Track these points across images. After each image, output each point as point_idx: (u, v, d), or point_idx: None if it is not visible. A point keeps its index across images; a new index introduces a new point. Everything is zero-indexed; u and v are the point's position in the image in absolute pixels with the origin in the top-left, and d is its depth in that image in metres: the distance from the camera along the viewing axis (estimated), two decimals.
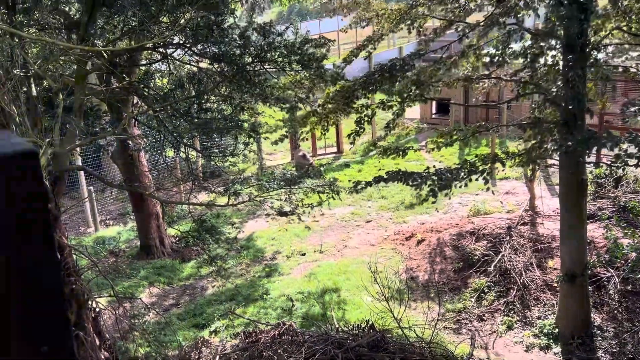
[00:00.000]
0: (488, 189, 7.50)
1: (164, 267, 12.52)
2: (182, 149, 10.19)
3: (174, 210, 14.77)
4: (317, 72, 8.56)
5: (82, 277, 7.87)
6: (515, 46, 8.17)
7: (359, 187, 7.56)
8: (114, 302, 9.54)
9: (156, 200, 12.49)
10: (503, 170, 8.08)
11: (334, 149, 20.65)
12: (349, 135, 8.40)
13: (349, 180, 15.79)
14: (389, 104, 8.22)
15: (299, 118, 8.96)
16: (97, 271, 8.05)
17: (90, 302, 7.58)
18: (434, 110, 23.02)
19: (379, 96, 10.08)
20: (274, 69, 8.87)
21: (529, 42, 8.04)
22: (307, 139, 9.73)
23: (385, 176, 7.45)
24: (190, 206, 12.09)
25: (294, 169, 16.07)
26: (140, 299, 9.59)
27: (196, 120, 9.00)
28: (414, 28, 8.96)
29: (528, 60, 7.94)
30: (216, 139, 13.48)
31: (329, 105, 8.57)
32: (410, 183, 7.23)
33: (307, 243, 13.42)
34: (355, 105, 8.39)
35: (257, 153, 17.86)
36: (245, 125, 9.61)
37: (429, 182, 7.15)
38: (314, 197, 12.22)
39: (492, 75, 9.18)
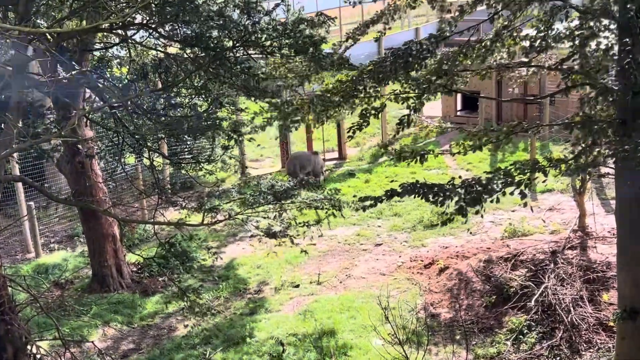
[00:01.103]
0: (525, 205, 7.49)
1: (122, 302, 12.47)
2: (146, 155, 10.18)
3: (135, 231, 14.73)
4: (314, 58, 8.59)
5: (20, 315, 7.83)
6: (560, 27, 8.22)
7: (366, 204, 7.54)
8: (59, 346, 9.48)
9: (113, 218, 12.45)
10: (544, 182, 8.08)
11: (335, 155, 20.68)
12: (349, 130, 8.41)
13: (354, 195, 15.84)
14: (403, 95, 8.23)
15: (292, 108, 8.94)
16: (39, 308, 8.01)
17: (29, 347, 7.53)
18: (459, 106, 23.10)
19: (391, 88, 10.11)
20: (260, 55, 8.90)
21: (576, 22, 8.08)
22: (296, 129, 9.72)
23: (399, 190, 7.44)
24: (156, 226, 12.06)
25: (289, 176, 16.06)
26: (92, 342, 9.54)
27: (163, 118, 9.01)
28: (436, 3, 9.01)
29: (576, 44, 7.98)
30: (188, 142, 13.52)
31: (328, 96, 8.57)
32: (431, 199, 7.21)
33: (301, 272, 13.39)
34: (361, 95, 8.39)
35: (239, 159, 17.90)
36: (225, 124, 9.64)
37: (455, 198, 7.13)
38: (310, 215, 12.21)
39: (532, 63, 9.20)
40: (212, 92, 9.19)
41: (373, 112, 8.36)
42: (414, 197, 7.54)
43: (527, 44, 8.22)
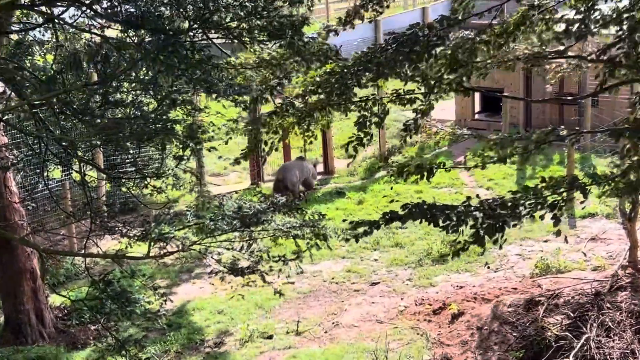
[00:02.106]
0: (559, 234, 7.53)
1: (43, 357, 12.33)
2: (76, 167, 10.13)
3: (60, 266, 14.61)
4: (293, 44, 8.62)
5: None
6: (604, 7, 8.31)
7: (359, 231, 7.54)
8: None
9: (32, 249, 12.33)
10: (582, 204, 8.11)
11: (320, 168, 20.67)
12: (346, 145, 8.42)
13: (344, 220, 15.77)
14: (408, 95, 8.26)
15: (264, 117, 8.97)
16: None
17: None
18: (477, 107, 23.25)
19: (392, 85, 10.18)
20: (224, 40, 8.92)
21: (625, 1, 8.19)
22: (276, 149, 9.75)
23: (401, 213, 7.45)
24: (88, 259, 11.96)
25: (283, 193, 16.03)
26: None
27: (99, 120, 8.97)
28: None
29: (624, 29, 8.07)
30: (131, 151, 13.41)
31: (314, 98, 8.59)
32: (441, 223, 7.23)
33: (275, 319, 13.33)
34: (356, 99, 8.42)
35: (196, 173, 17.85)
36: (179, 128, 9.61)
37: (470, 222, 7.16)
38: (287, 246, 12.15)
39: (569, 53, 9.27)
40: (163, 88, 9.18)
41: (374, 119, 8.38)
42: (420, 222, 7.56)
43: (562, 27, 8.29)
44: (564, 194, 7.46)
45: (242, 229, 9.57)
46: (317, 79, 8.52)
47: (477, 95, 22.59)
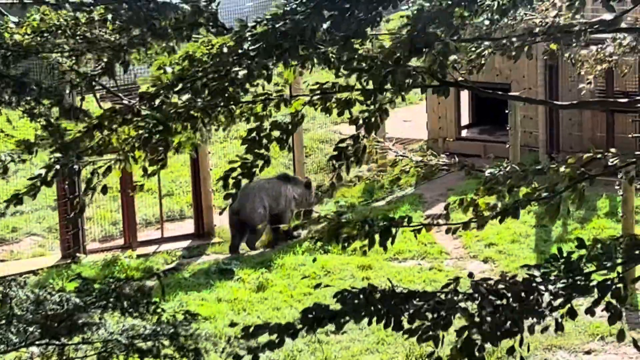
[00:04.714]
0: (622, 337, 7.62)
1: None
2: None
3: None
4: (138, 12, 8.65)
5: None
6: None
7: (259, 341, 7.52)
8: None
9: None
10: None
11: (188, 226, 20.71)
12: (223, 178, 8.43)
13: (232, 323, 15.46)
14: (341, 95, 8.28)
15: (81, 132, 8.89)
16: None
17: None
18: (465, 118, 23.53)
19: (312, 77, 10.25)
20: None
21: None
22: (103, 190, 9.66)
23: (333, 307, 7.44)
24: None
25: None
26: None
27: None
28: None
29: None
30: None
31: (174, 98, 8.56)
32: (407, 325, 7.24)
33: None
34: (245, 99, 8.45)
35: None
36: None
37: (458, 320, 7.21)
38: None
39: (618, 25, 9.45)
40: None
41: (276, 133, 8.40)
42: (369, 323, 7.55)
43: None
44: (619, 268, 7.55)
45: (45, 341, 9.45)
46: (169, 69, 8.52)
47: (464, 97, 22.89)
